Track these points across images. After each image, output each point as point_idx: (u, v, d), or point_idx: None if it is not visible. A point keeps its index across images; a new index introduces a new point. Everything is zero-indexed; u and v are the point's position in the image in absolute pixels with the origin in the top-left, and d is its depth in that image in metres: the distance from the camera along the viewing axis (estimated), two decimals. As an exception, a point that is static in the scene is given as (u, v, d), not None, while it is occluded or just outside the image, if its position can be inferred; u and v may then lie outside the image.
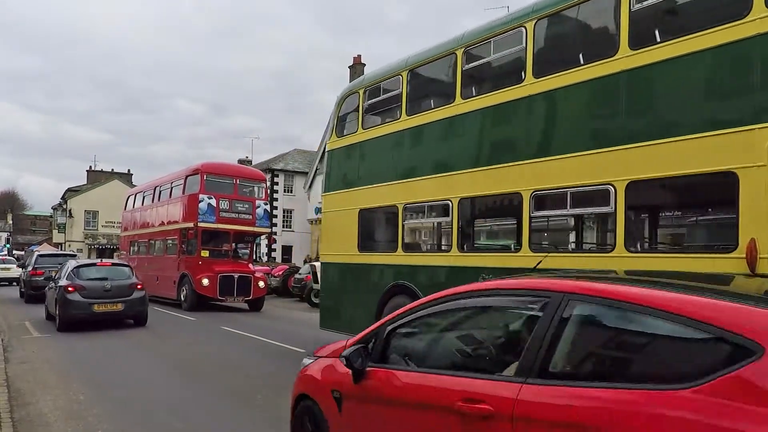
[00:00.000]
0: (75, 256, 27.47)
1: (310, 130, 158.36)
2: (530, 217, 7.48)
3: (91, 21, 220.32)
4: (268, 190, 23.59)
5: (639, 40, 6.36)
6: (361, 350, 3.96)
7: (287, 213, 46.32)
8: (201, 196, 20.57)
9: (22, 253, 53.27)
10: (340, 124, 11.17)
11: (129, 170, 67.96)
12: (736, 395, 2.28)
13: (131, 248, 26.53)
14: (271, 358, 10.92)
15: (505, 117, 8.02)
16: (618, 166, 6.41)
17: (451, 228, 8.61)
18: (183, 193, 21.59)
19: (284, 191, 46.13)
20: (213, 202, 20.80)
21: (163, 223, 23.05)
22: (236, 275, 20.35)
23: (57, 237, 59.11)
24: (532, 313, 3.30)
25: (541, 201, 7.45)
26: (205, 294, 19.92)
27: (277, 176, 45.46)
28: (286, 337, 13.44)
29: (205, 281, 19.78)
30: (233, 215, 21.26)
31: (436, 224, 10.05)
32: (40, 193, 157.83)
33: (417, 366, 3.75)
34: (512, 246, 9.03)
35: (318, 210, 45.04)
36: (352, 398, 4.04)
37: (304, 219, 44.88)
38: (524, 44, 7.67)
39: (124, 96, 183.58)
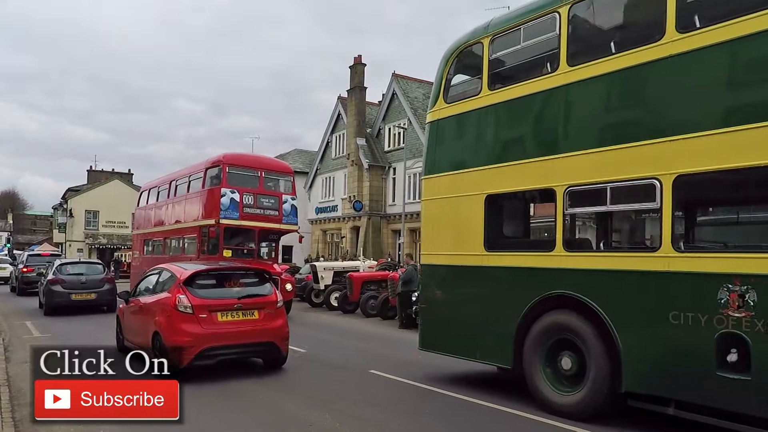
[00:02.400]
0: (60, 255, 30.25)
1: (310, 130, 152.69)
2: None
3: (91, 21, 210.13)
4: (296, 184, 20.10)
5: None
6: (125, 293, 10.08)
7: (289, 213, 43.28)
8: (223, 190, 17.15)
9: (22, 252, 49.22)
10: (447, 87, 7.92)
11: (129, 170, 63.87)
12: (175, 291, 8.10)
13: (145, 248, 22.60)
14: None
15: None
16: None
17: (660, 219, 5.48)
18: (203, 187, 18.07)
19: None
20: (236, 196, 17.39)
21: (180, 221, 19.44)
22: None
23: (57, 237, 55.26)
24: (158, 275, 9.05)
25: None
26: (229, 297, 16.53)
27: (279, 176, 42.19)
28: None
29: (229, 283, 16.45)
30: (258, 211, 17.83)
31: (626, 214, 6.91)
32: (40, 193, 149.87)
33: (143, 295, 9.22)
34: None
35: (319, 210, 42.02)
36: (126, 311, 9.75)
37: (304, 219, 42.48)
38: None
39: (124, 96, 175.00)
